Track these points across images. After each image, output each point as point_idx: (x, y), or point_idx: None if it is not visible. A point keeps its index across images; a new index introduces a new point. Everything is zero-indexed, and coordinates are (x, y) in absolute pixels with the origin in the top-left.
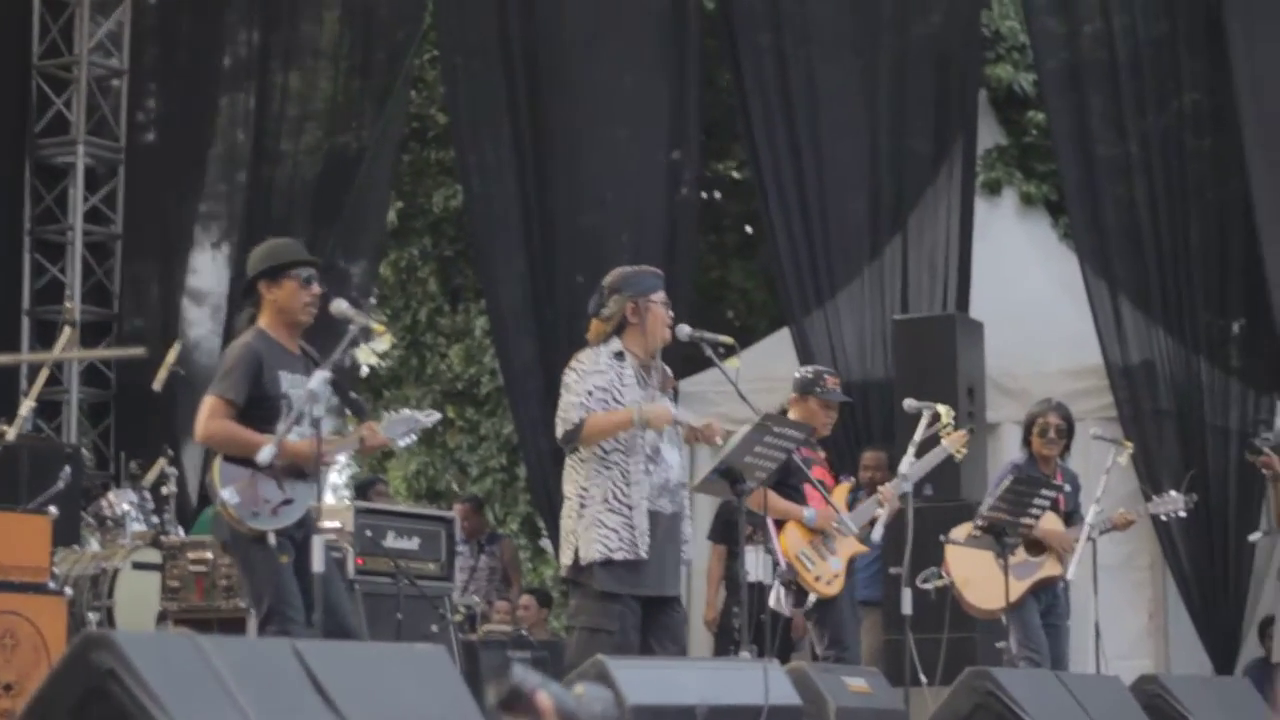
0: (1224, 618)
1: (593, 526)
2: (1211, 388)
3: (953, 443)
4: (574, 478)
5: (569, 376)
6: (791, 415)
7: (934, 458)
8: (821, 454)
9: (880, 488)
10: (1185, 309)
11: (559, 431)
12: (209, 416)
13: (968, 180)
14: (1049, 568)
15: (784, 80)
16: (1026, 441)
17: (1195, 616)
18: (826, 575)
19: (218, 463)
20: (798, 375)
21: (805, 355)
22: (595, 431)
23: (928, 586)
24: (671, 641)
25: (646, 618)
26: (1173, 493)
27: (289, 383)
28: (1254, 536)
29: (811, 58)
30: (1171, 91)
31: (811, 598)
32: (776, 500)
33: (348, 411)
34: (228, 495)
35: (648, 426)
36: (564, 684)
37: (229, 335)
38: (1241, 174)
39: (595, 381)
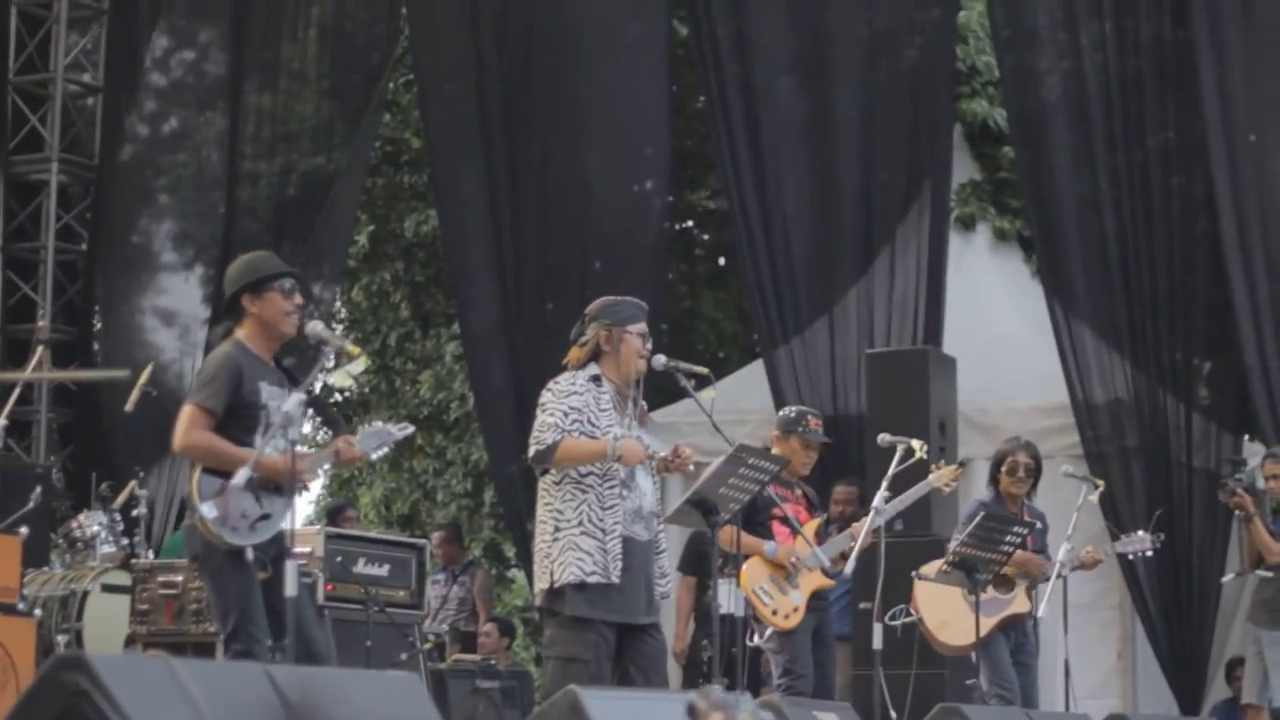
0: (1190, 658)
1: (568, 550)
2: (1179, 426)
3: (940, 477)
4: (549, 500)
5: (545, 397)
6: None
7: (918, 490)
8: (798, 491)
9: (852, 525)
10: (1154, 347)
11: (531, 451)
12: (189, 426)
13: (940, 215)
14: (1017, 604)
15: (755, 112)
16: (994, 479)
17: (1161, 656)
18: (785, 609)
19: (196, 475)
20: (781, 414)
21: (776, 389)
22: (567, 456)
23: (895, 624)
24: (654, 671)
25: (623, 646)
26: (1140, 533)
27: (268, 394)
28: (1226, 578)
29: (783, 90)
30: (1142, 130)
31: (769, 630)
32: (740, 536)
33: (324, 430)
34: (206, 510)
35: (620, 462)
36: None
37: (199, 355)
38: (1211, 212)
39: (571, 403)
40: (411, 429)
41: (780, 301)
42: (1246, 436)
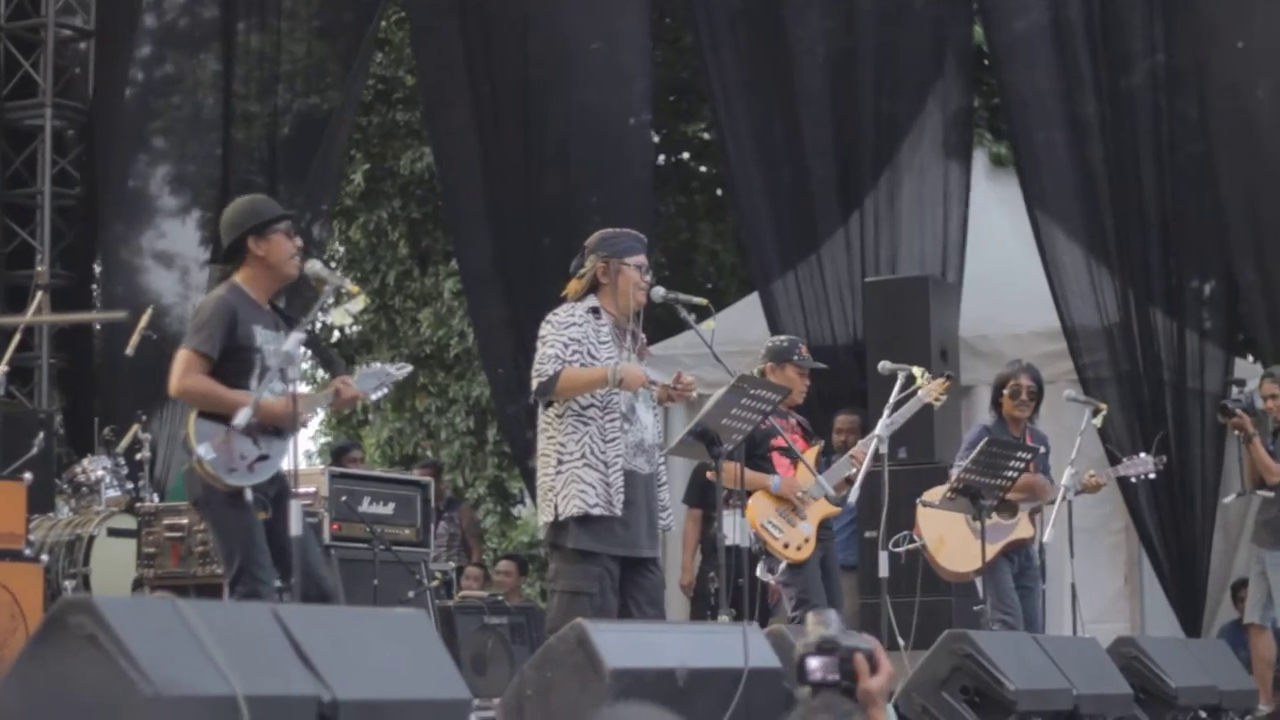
0: (1191, 580)
1: (571, 482)
2: (1175, 348)
3: (930, 391)
4: (551, 434)
5: (544, 329)
6: None
7: (911, 407)
8: (793, 420)
9: (853, 449)
10: (1146, 270)
11: (533, 384)
12: (184, 371)
13: (948, 140)
14: (1021, 529)
15: (744, 42)
16: (996, 403)
17: (1163, 578)
18: (796, 541)
19: (193, 419)
20: (771, 344)
21: (773, 320)
22: (569, 385)
23: (899, 550)
24: (649, 604)
25: (624, 579)
26: (1142, 455)
27: (262, 338)
28: (1227, 499)
29: (776, 18)
30: (1137, 52)
31: (781, 564)
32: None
33: (321, 371)
34: (203, 451)
35: (621, 387)
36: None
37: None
38: (1203, 134)
39: (571, 334)
40: (409, 369)
41: (776, 233)
42: (1250, 357)
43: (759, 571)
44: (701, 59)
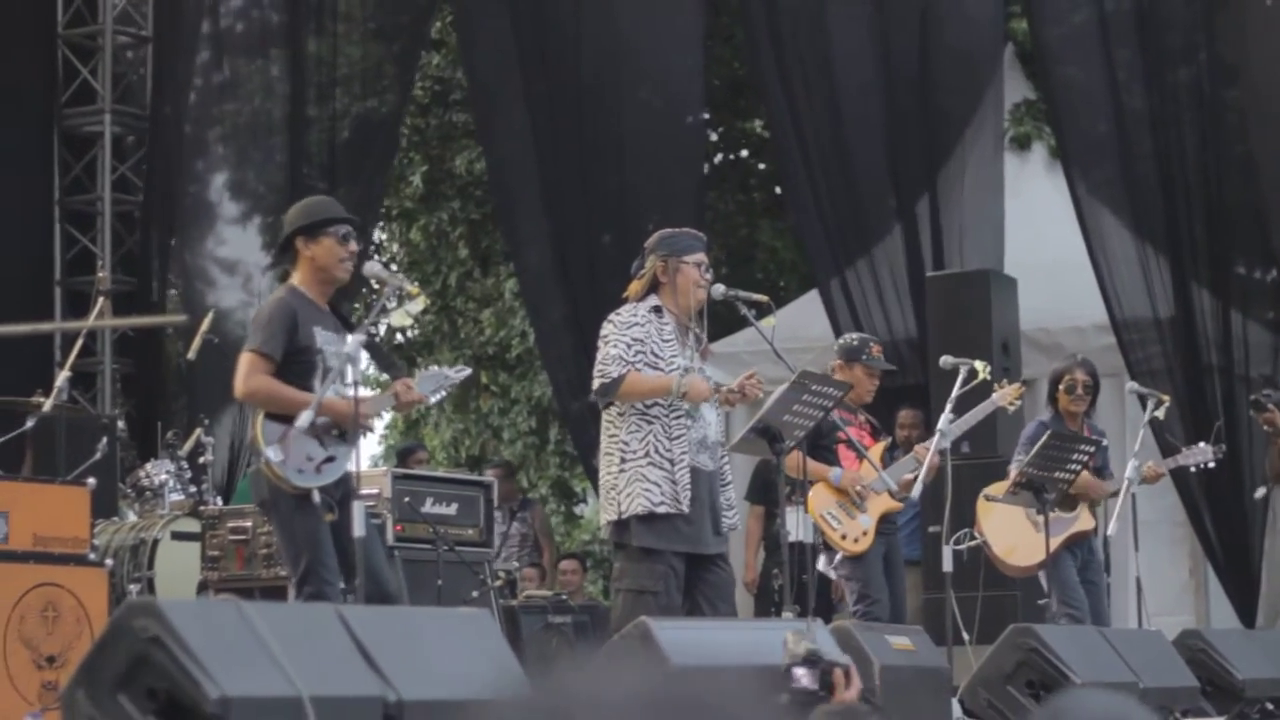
0: (1245, 571)
1: (635, 481)
2: (1226, 338)
3: (1004, 396)
4: (614, 432)
5: (606, 329)
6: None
7: (982, 410)
8: (861, 417)
9: (916, 447)
10: (1200, 259)
11: (595, 384)
12: (248, 373)
13: (999, 135)
14: (1082, 522)
15: (799, 39)
16: (1052, 398)
17: (1219, 570)
18: (854, 533)
19: (260, 420)
20: (842, 342)
21: (833, 316)
22: (632, 390)
23: (960, 548)
24: (721, 601)
25: (691, 577)
26: (1202, 444)
27: (323, 339)
28: (1258, 493)
29: (830, 14)
30: (1198, 44)
31: (838, 555)
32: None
33: (381, 375)
34: (272, 453)
35: (685, 399)
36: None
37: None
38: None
39: (634, 334)
40: (468, 371)
41: (835, 229)
42: None
43: (820, 565)
44: (753, 57)
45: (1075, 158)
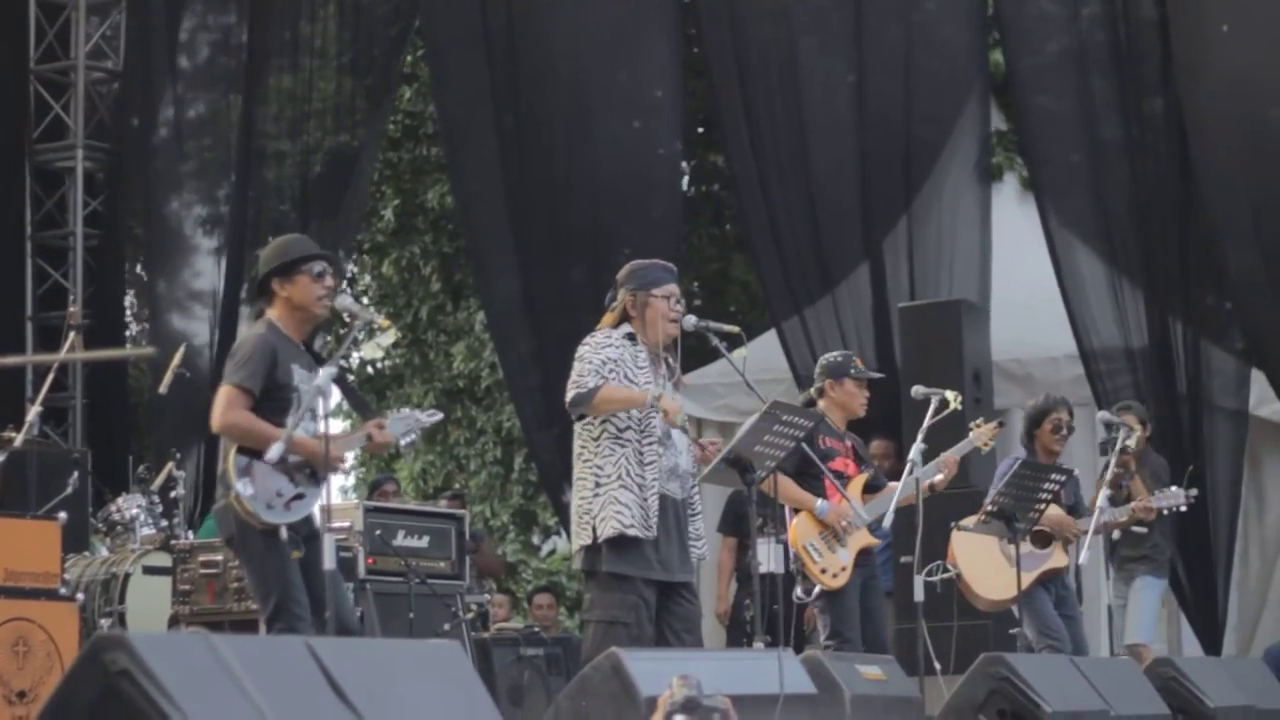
0: (1210, 600)
1: (609, 504)
2: (1196, 368)
3: (980, 435)
4: (587, 457)
5: (582, 349)
6: (828, 400)
7: (960, 449)
8: (848, 442)
9: (891, 484)
10: (1173, 290)
11: (570, 394)
12: (227, 406)
13: (978, 165)
14: (1055, 559)
15: (766, 74)
16: (1030, 435)
17: (1183, 600)
18: (833, 568)
19: (232, 455)
20: (825, 362)
21: (790, 355)
22: (607, 401)
23: (933, 579)
24: (687, 632)
25: (659, 607)
26: (1174, 488)
27: (299, 377)
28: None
29: (802, 47)
30: (1160, 77)
31: (817, 588)
32: (791, 488)
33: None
34: (242, 487)
35: (658, 410)
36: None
37: (231, 337)
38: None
39: (609, 354)
40: (440, 415)
41: (789, 270)
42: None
43: (795, 593)
44: (716, 93)
45: (1047, 188)
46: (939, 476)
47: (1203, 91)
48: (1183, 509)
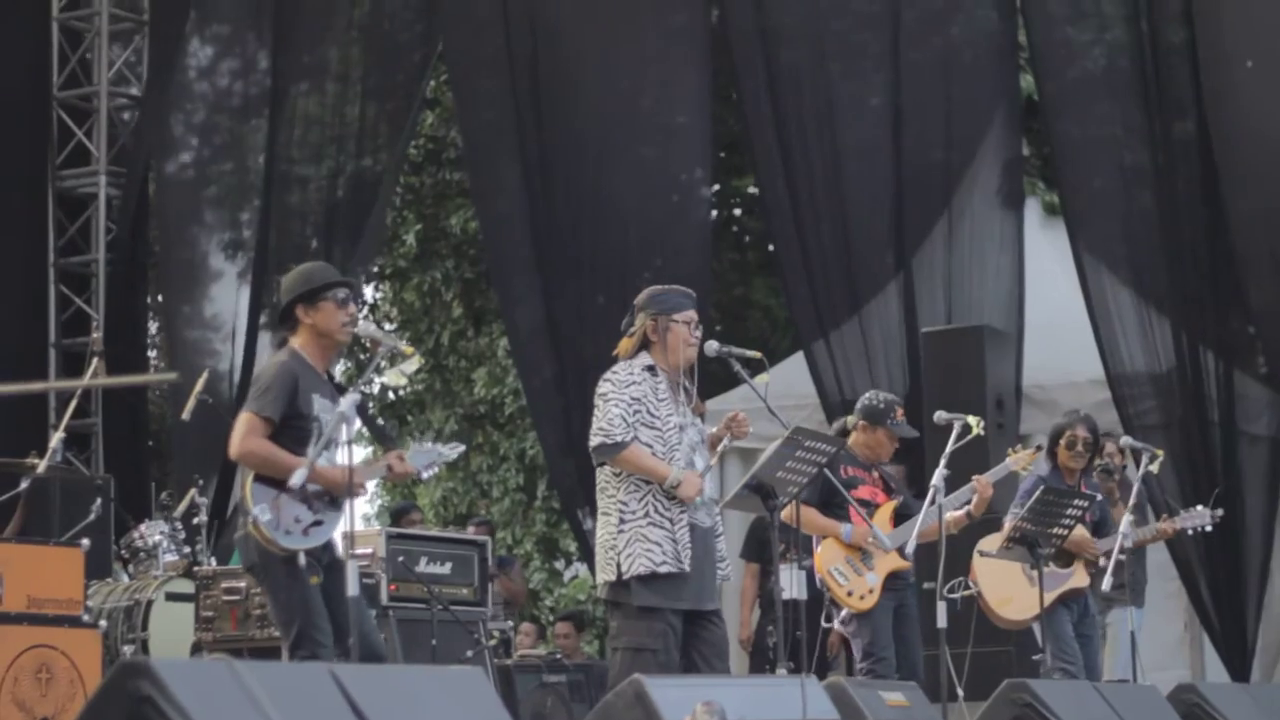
0: (1240, 626)
1: (636, 541)
2: (1227, 393)
3: (1018, 460)
4: (611, 493)
5: (604, 387)
6: (858, 438)
7: (997, 473)
8: (875, 474)
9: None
10: (1204, 314)
11: (595, 441)
12: (246, 434)
13: (1001, 190)
14: (1076, 578)
15: (794, 98)
16: (1051, 453)
17: (1209, 626)
18: (860, 590)
19: (250, 482)
20: (868, 402)
21: (818, 378)
22: (629, 462)
23: (954, 596)
24: (716, 658)
25: (687, 633)
26: (1199, 507)
27: (320, 406)
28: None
29: (828, 73)
30: (1189, 100)
31: (845, 612)
32: (815, 517)
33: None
34: (259, 512)
35: (677, 491)
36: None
37: (253, 362)
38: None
39: (632, 393)
40: (462, 449)
41: (822, 288)
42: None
43: (830, 622)
44: (745, 117)
45: (1075, 213)
46: (974, 500)
47: (1228, 119)
48: (1208, 529)
